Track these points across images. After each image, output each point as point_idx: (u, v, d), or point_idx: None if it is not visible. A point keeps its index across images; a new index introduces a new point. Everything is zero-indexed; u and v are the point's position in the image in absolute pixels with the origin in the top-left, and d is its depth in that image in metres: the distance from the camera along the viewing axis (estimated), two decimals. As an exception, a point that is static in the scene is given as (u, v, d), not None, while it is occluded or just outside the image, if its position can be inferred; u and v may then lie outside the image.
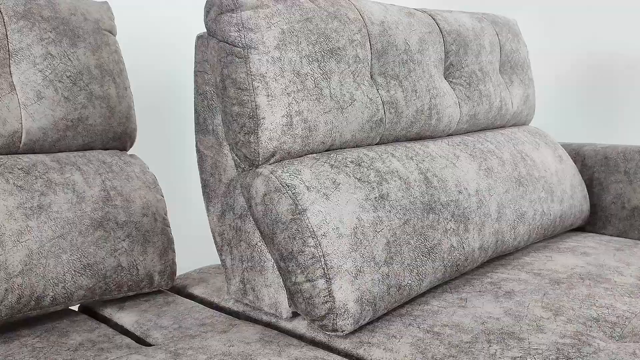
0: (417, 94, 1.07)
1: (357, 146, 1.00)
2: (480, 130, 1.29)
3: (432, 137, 1.15)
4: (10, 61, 0.95)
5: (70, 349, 0.82)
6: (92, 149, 1.06)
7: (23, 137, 0.95)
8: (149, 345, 0.86)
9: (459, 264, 0.99)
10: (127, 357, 0.78)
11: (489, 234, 1.05)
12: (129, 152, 1.37)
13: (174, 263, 1.05)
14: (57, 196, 0.91)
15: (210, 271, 1.19)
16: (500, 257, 1.17)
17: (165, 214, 1.07)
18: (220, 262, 1.29)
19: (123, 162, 1.05)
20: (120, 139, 1.10)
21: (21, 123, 0.95)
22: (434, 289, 0.99)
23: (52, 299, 0.88)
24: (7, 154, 0.95)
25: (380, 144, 1.04)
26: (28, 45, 0.97)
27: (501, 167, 1.15)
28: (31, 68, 0.97)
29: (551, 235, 1.27)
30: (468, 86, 1.20)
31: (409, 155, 1.01)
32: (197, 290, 1.09)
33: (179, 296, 1.05)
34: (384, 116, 1.01)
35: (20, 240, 0.85)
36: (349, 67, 0.96)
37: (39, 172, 0.92)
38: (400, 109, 1.03)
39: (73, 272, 0.90)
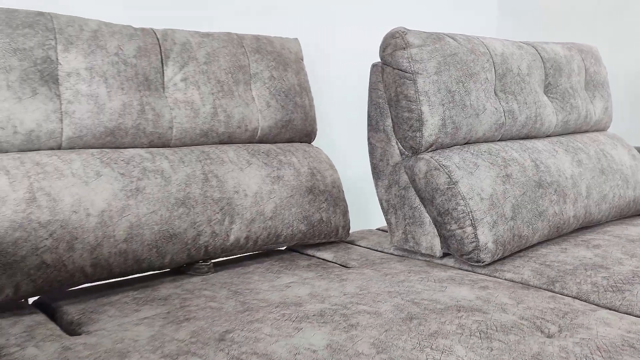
0: (527, 105, 1.47)
1: (486, 141, 1.42)
2: (570, 133, 1.68)
3: (536, 137, 1.55)
4: (251, 81, 1.43)
5: (305, 268, 1.27)
6: (293, 141, 1.52)
7: (259, 132, 1.42)
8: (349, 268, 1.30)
9: (559, 226, 1.38)
10: (347, 270, 1.22)
11: (580, 207, 1.44)
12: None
13: (349, 222, 1.50)
14: (287, 170, 1.37)
15: (365, 233, 1.62)
16: (586, 227, 1.55)
17: (342, 187, 1.51)
18: (373, 227, 1.72)
19: (315, 150, 1.51)
20: (309, 135, 1.56)
21: (259, 123, 1.42)
22: (540, 244, 1.39)
23: (284, 237, 1.34)
24: (249, 143, 1.42)
25: (501, 140, 1.46)
26: (261, 70, 1.44)
27: (588, 160, 1.54)
28: (262, 86, 1.44)
29: (625, 215, 1.64)
30: (562, 100, 1.60)
31: (523, 148, 1.42)
32: (363, 243, 1.52)
33: (353, 245, 1.49)
34: (504, 121, 1.42)
35: (270, 197, 1.31)
36: (481, 86, 1.38)
37: (273, 155, 1.39)
38: (515, 116, 1.44)
39: (297, 221, 1.35)
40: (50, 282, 1.03)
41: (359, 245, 1.52)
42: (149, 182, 1.16)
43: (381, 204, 1.47)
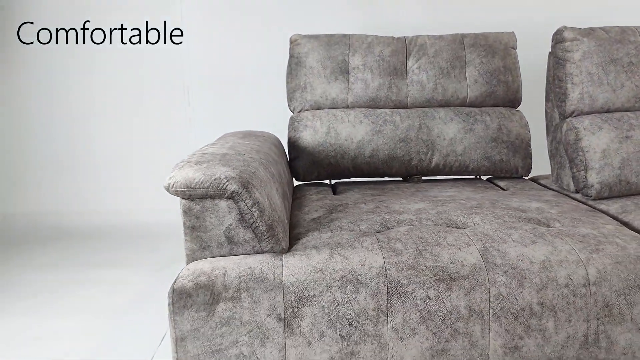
0: (678, 82, 1.81)
1: (627, 110, 1.86)
2: None
3: (691, 107, 1.85)
4: (465, 66, 2.19)
5: (474, 186, 2.03)
6: (496, 106, 2.23)
7: (467, 100, 2.19)
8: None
9: (681, 180, 1.74)
10: (499, 191, 1.95)
11: None
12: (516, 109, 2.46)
13: (530, 164, 2.14)
14: (478, 125, 2.12)
15: (542, 176, 2.21)
16: None
17: (529, 140, 2.14)
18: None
19: (511, 113, 2.18)
20: (512, 102, 2.22)
21: (467, 93, 2.19)
22: (662, 191, 1.78)
23: (471, 168, 2.12)
24: (460, 107, 2.21)
25: (645, 109, 1.86)
26: (473, 58, 2.19)
27: None
28: (474, 69, 2.18)
29: None
30: None
31: (660, 117, 1.80)
32: (541, 181, 2.14)
33: (531, 181, 2.14)
34: (647, 94, 1.82)
35: (462, 142, 2.10)
36: (623, 68, 1.82)
37: (471, 115, 2.15)
38: (661, 91, 1.82)
39: (481, 159, 2.10)
40: (332, 173, 2.13)
41: (535, 181, 2.15)
42: (386, 127, 2.12)
43: (548, 153, 2.07)
